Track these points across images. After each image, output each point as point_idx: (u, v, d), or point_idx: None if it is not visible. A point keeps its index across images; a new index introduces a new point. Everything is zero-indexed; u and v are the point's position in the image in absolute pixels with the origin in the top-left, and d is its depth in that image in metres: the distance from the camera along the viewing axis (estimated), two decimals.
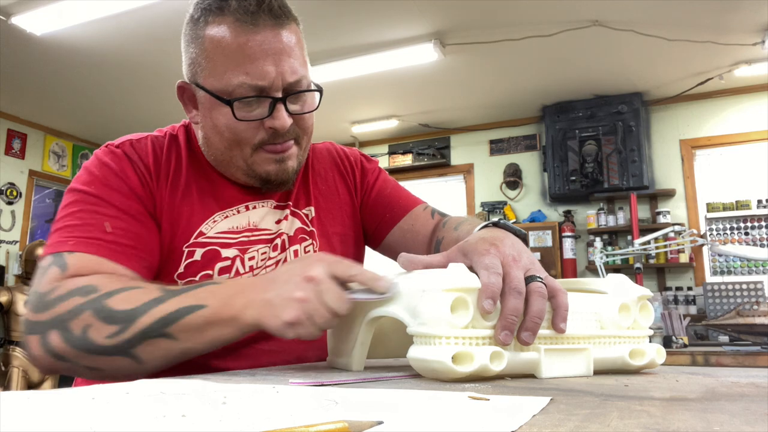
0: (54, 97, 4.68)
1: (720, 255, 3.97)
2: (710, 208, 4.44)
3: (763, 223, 4.33)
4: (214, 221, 0.88)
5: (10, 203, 5.07)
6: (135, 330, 0.66)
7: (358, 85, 4.37)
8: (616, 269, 4.46)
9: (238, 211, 0.90)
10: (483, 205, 5.16)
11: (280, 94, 0.82)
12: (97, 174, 0.83)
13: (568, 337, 0.63)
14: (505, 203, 5.10)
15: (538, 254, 4.72)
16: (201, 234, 0.86)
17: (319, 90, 0.88)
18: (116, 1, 3.19)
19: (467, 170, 5.35)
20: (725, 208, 4.39)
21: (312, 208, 0.99)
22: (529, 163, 5.13)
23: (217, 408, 0.39)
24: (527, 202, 5.08)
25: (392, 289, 0.62)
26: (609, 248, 4.57)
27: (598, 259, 3.34)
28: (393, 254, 0.69)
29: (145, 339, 0.66)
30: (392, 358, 0.84)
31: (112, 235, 0.79)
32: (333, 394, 0.46)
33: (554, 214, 4.94)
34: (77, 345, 0.67)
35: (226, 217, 0.89)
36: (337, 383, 0.55)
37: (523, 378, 0.59)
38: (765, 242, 4.33)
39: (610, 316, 0.67)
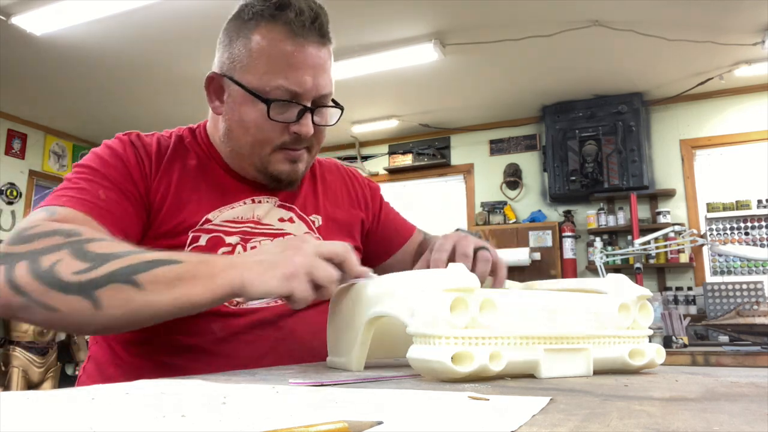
0: (54, 97, 4.68)
1: (720, 255, 3.97)
2: (710, 208, 4.44)
3: (763, 223, 4.33)
4: (220, 211, 0.92)
5: (10, 203, 5.07)
6: (103, 271, 0.64)
7: (358, 85, 4.37)
8: (616, 269, 4.46)
9: (244, 203, 0.94)
10: (483, 205, 5.16)
11: (309, 104, 0.88)
12: (100, 154, 0.88)
13: (568, 337, 0.63)
14: (505, 203, 5.10)
15: (537, 254, 4.72)
16: (207, 221, 0.90)
17: (341, 108, 0.95)
18: (116, 1, 3.19)
19: (467, 170, 5.35)
20: (725, 208, 4.39)
21: (319, 217, 1.02)
22: (529, 163, 5.13)
23: (217, 408, 0.39)
24: (527, 202, 5.08)
25: (368, 275, 0.70)
26: (609, 248, 4.57)
27: (598, 259, 3.34)
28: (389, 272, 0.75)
29: (111, 282, 0.64)
30: (392, 358, 0.84)
31: (104, 202, 0.82)
32: (333, 394, 0.46)
33: (554, 214, 4.94)
34: (41, 277, 0.64)
35: (232, 208, 0.93)
36: (337, 383, 0.55)
37: (522, 378, 0.59)
38: (765, 242, 4.33)
39: (610, 315, 0.67)
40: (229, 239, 0.90)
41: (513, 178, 5.13)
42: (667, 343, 2.86)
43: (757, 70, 4.09)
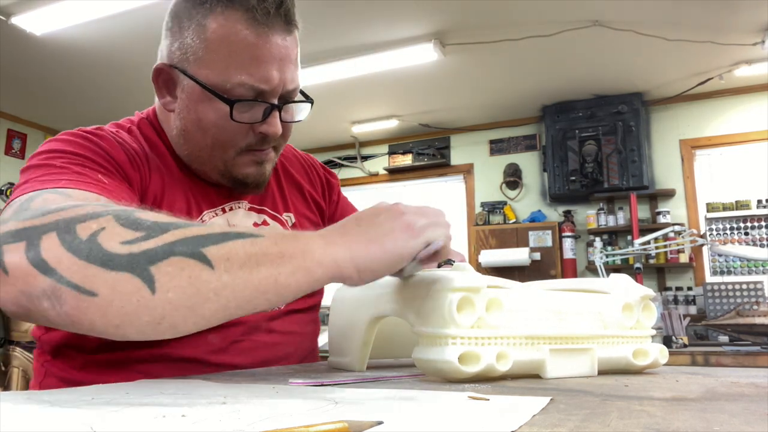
0: (54, 97, 4.68)
1: (720, 255, 3.97)
2: (710, 208, 4.44)
3: (763, 223, 4.33)
4: (203, 220, 0.85)
5: None
6: (163, 240, 0.48)
7: (358, 85, 4.36)
8: (616, 269, 4.45)
9: (215, 214, 0.87)
10: (483, 205, 5.16)
11: (276, 101, 0.79)
12: (79, 141, 0.73)
13: (574, 337, 0.63)
14: (505, 203, 5.10)
15: (537, 254, 4.71)
16: None
17: (311, 101, 0.85)
18: (116, 1, 3.19)
19: (467, 170, 5.35)
20: (725, 208, 4.39)
21: (291, 215, 0.98)
22: (529, 163, 5.12)
23: (217, 408, 0.39)
24: (527, 202, 5.07)
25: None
26: (609, 248, 4.57)
27: (598, 259, 3.34)
28: None
29: (173, 255, 0.47)
30: (393, 358, 0.84)
31: (110, 186, 0.68)
32: (333, 394, 0.46)
33: (554, 214, 4.93)
34: (77, 249, 0.47)
35: (212, 216, 0.86)
36: (337, 383, 0.55)
37: (523, 378, 0.59)
38: (765, 242, 4.33)
39: (614, 316, 0.67)
40: None
41: (513, 178, 5.12)
42: (667, 343, 2.86)
43: (757, 70, 4.09)
